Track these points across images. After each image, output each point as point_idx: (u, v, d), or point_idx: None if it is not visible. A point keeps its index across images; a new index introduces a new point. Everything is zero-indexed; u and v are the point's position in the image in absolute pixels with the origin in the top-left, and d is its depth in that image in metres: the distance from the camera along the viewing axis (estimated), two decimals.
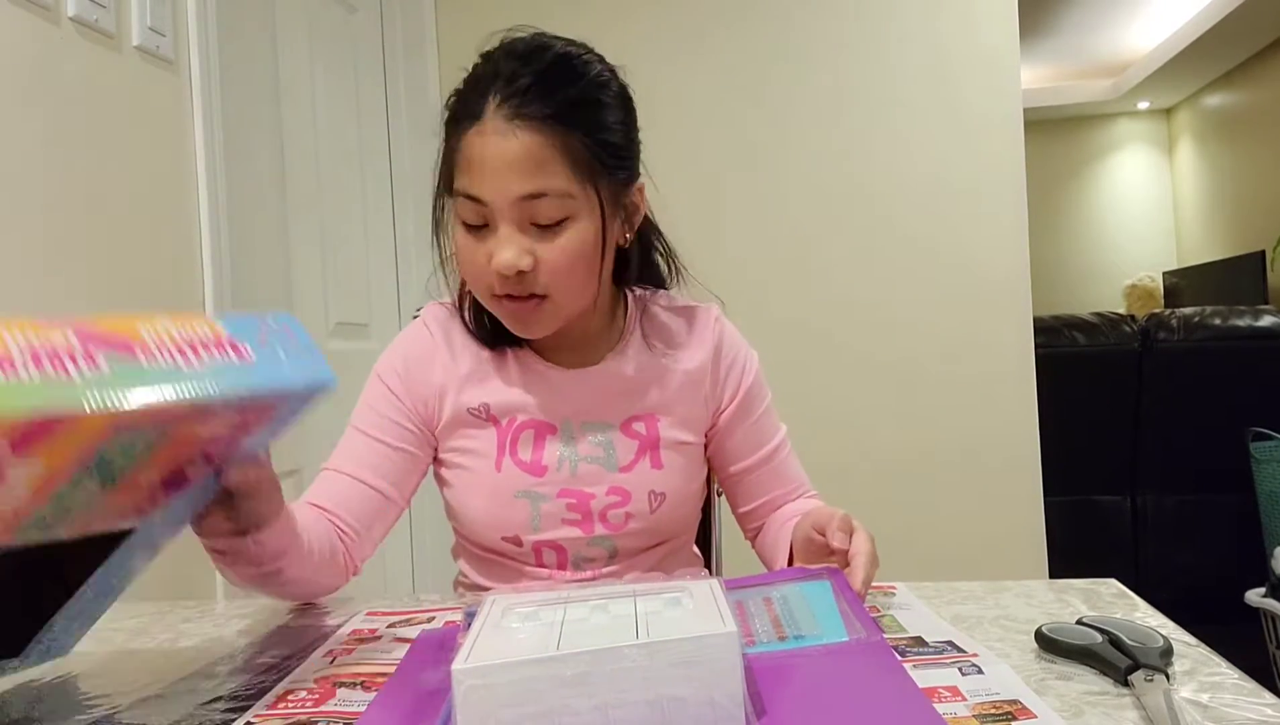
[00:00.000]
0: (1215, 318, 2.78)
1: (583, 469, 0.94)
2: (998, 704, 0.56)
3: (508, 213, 0.82)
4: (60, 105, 1.07)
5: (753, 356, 1.03)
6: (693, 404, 0.99)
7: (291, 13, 1.72)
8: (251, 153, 1.57)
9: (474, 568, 1.01)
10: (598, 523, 0.94)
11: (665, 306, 1.01)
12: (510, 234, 0.83)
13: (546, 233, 0.84)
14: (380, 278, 2.05)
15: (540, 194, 0.82)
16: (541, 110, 0.81)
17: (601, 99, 0.86)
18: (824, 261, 2.13)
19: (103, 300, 1.11)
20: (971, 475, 2.10)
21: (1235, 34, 4.82)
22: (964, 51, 2.11)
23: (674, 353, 0.98)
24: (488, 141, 0.81)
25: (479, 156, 0.82)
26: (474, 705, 0.50)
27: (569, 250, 0.84)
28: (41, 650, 0.68)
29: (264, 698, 0.64)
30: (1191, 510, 2.84)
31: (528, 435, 0.95)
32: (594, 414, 0.96)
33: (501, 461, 0.94)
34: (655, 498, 0.95)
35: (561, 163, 0.82)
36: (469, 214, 0.84)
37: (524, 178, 0.81)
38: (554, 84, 0.82)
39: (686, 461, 0.98)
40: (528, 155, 0.81)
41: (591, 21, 2.24)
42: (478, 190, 0.82)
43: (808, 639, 0.67)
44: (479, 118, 0.82)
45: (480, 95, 0.82)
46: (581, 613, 0.59)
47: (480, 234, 0.85)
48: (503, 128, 0.81)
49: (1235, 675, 0.61)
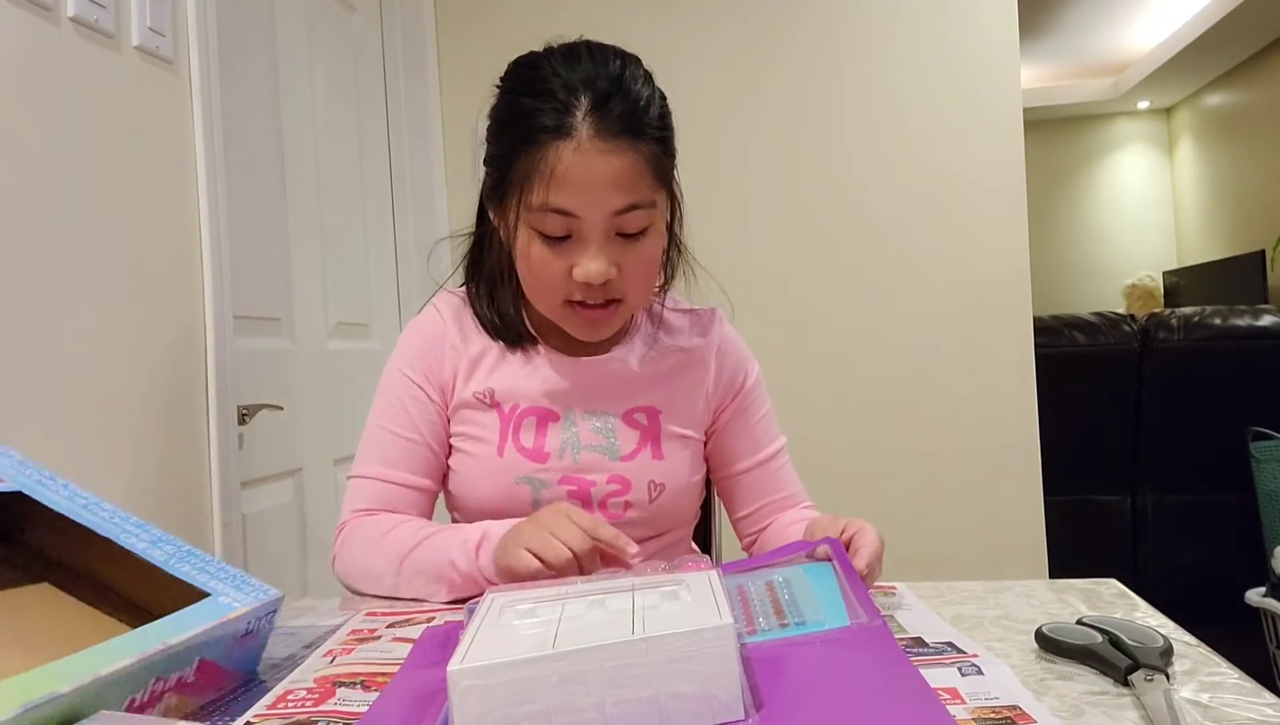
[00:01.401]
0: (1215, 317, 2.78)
1: (584, 456, 0.96)
2: (997, 709, 0.56)
3: (601, 226, 0.85)
4: (60, 105, 1.07)
5: (754, 362, 1.06)
6: (694, 400, 1.00)
7: (291, 13, 1.72)
8: (251, 153, 1.56)
9: None
10: (597, 510, 0.95)
11: (671, 307, 1.04)
12: (602, 245, 0.86)
13: (629, 241, 0.87)
14: (380, 278, 2.05)
15: (633, 206, 0.86)
16: (631, 126, 0.84)
17: (665, 111, 0.90)
18: (823, 261, 2.13)
19: (102, 301, 1.11)
20: (971, 475, 2.10)
21: (1235, 33, 4.81)
22: (964, 51, 2.10)
23: (677, 350, 1.01)
24: (588, 159, 0.83)
25: (576, 174, 0.83)
26: (471, 706, 0.50)
27: (647, 256, 0.89)
28: None
29: (264, 698, 0.64)
30: (1191, 510, 2.83)
31: (530, 421, 0.96)
32: (597, 403, 0.97)
33: (504, 447, 0.95)
34: (655, 487, 0.97)
35: (648, 174, 0.86)
36: (554, 226, 0.86)
37: (622, 192, 0.84)
38: (637, 100, 0.85)
39: (687, 454, 0.99)
40: (627, 171, 0.84)
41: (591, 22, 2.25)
42: (574, 205, 0.84)
43: (809, 625, 0.67)
44: (570, 133, 0.83)
45: (564, 112, 0.83)
46: (579, 609, 0.59)
47: (561, 246, 0.87)
48: (601, 147, 0.83)
49: (1235, 675, 0.61)
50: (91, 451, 1.08)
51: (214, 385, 1.30)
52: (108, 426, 1.11)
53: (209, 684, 0.64)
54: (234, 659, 0.66)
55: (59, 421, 1.04)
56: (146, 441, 1.17)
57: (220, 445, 1.31)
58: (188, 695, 0.61)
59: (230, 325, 1.36)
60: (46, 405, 1.02)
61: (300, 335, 1.69)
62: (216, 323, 1.32)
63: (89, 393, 1.08)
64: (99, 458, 1.09)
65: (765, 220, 2.13)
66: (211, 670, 0.64)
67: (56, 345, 1.04)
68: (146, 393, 1.18)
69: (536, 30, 0.95)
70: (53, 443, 1.03)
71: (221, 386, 1.32)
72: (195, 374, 1.29)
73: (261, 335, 1.57)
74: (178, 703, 0.60)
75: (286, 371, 1.64)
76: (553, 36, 0.92)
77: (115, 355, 1.13)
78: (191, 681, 0.61)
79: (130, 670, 0.54)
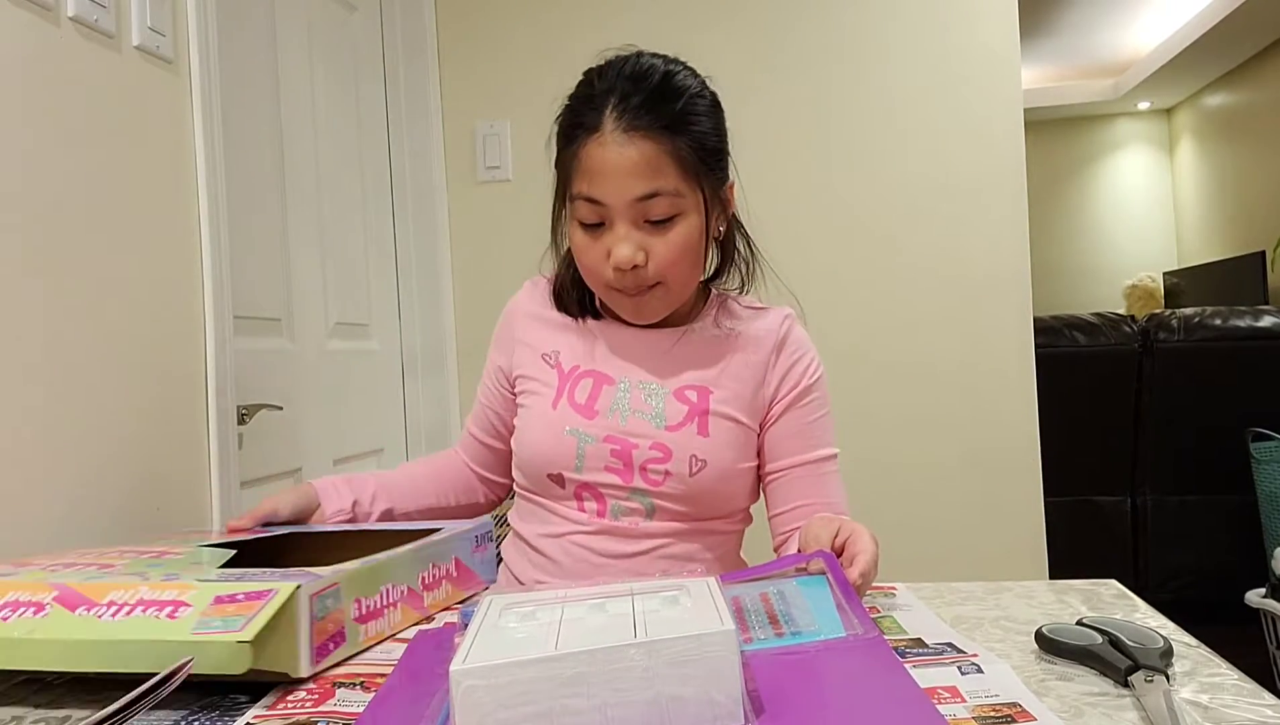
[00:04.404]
0: (1215, 318, 2.78)
1: (632, 420, 1.00)
2: (997, 707, 0.56)
3: (625, 212, 0.93)
4: (60, 105, 1.06)
5: (820, 365, 1.09)
6: (749, 387, 1.03)
7: (291, 13, 1.72)
8: (251, 153, 1.56)
9: (522, 518, 1.07)
10: (637, 474, 0.99)
11: (744, 305, 1.10)
12: (627, 231, 0.93)
13: (658, 228, 0.94)
14: (380, 278, 2.05)
15: (654, 194, 0.92)
16: (653, 121, 0.91)
17: (699, 109, 0.96)
18: (823, 262, 2.13)
19: (102, 300, 1.11)
20: (971, 475, 2.10)
21: (1236, 34, 4.81)
22: (964, 52, 2.10)
23: (740, 335, 1.05)
24: (608, 151, 0.91)
25: (599, 163, 0.92)
26: (472, 706, 0.50)
27: (678, 243, 0.95)
28: None
29: (264, 698, 0.64)
30: (1191, 510, 2.84)
31: (587, 382, 1.03)
32: (651, 375, 1.03)
33: (559, 402, 1.03)
34: (696, 462, 0.99)
35: (671, 165, 0.92)
36: (588, 214, 0.94)
37: (640, 180, 0.91)
38: (661, 99, 0.92)
39: (733, 437, 1.01)
40: (644, 160, 0.91)
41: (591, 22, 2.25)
42: (599, 193, 0.92)
43: (804, 635, 0.67)
44: (597, 130, 0.92)
45: (596, 111, 0.92)
46: (579, 612, 0.59)
47: (597, 232, 0.95)
48: (621, 138, 0.91)
49: (1235, 676, 0.61)
50: (91, 451, 1.08)
51: (214, 385, 1.31)
52: (107, 426, 1.11)
53: (465, 581, 0.89)
54: (476, 563, 0.91)
55: (59, 421, 1.04)
56: (146, 441, 1.17)
57: (220, 445, 1.31)
58: (456, 587, 0.87)
59: (230, 325, 1.36)
60: (46, 405, 1.02)
61: (300, 335, 1.69)
62: (216, 323, 1.32)
63: (88, 392, 1.08)
64: (99, 457, 1.09)
65: (764, 221, 2.13)
66: (464, 570, 0.89)
67: (56, 345, 1.04)
68: (146, 392, 1.18)
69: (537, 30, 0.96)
70: (53, 442, 1.03)
71: (221, 386, 1.32)
72: (195, 374, 1.29)
73: (261, 335, 1.57)
74: (451, 591, 0.86)
75: (286, 371, 1.64)
76: (553, 38, 0.94)
77: (115, 355, 1.13)
78: (455, 576, 0.87)
79: (411, 555, 0.81)
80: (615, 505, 1.00)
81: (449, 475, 1.17)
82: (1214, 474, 2.79)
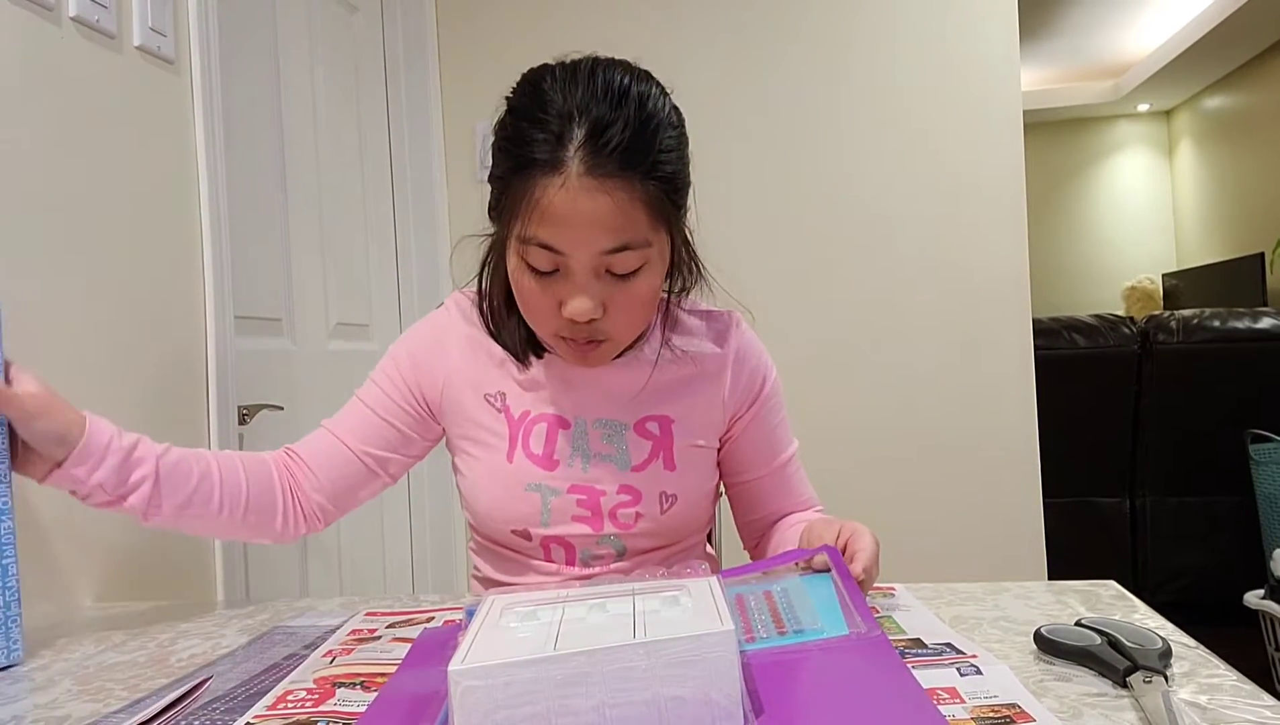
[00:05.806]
0: (1214, 320, 2.78)
1: (595, 466, 0.94)
2: (996, 707, 0.56)
3: (589, 264, 0.80)
4: (60, 105, 1.07)
5: (771, 367, 1.02)
6: (709, 408, 0.97)
7: (291, 13, 1.73)
8: (251, 153, 1.57)
9: (486, 561, 1.01)
10: (608, 521, 0.94)
11: (688, 310, 1.00)
12: (588, 283, 0.81)
13: (620, 280, 0.82)
14: (380, 278, 2.05)
15: (623, 247, 0.80)
16: (625, 164, 0.77)
17: (670, 141, 0.82)
18: (822, 263, 2.13)
19: (103, 301, 1.11)
20: (971, 476, 2.10)
21: (1235, 36, 4.82)
22: (964, 53, 2.11)
23: (693, 355, 0.97)
24: (575, 198, 0.77)
25: (562, 211, 0.77)
26: (471, 706, 0.50)
27: (640, 296, 0.84)
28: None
29: (264, 698, 0.64)
30: (1191, 512, 2.84)
31: (540, 428, 0.94)
32: (608, 412, 0.95)
33: (513, 453, 0.94)
34: (667, 499, 0.95)
35: (643, 214, 0.80)
36: (541, 261, 0.81)
37: (610, 234, 0.79)
38: (636, 136, 0.78)
39: (700, 465, 0.97)
40: (616, 212, 0.78)
41: (591, 22, 2.25)
42: (559, 243, 0.79)
43: (808, 633, 0.67)
44: (559, 168, 0.77)
45: (558, 144, 0.77)
46: (579, 612, 0.59)
47: (549, 280, 0.82)
48: (590, 185, 0.77)
49: (1234, 677, 0.62)
50: None
51: (214, 385, 1.31)
52: None
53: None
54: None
55: None
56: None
57: (220, 445, 1.31)
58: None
59: (231, 325, 1.37)
60: None
61: (301, 336, 1.69)
62: (217, 323, 1.32)
63: (89, 392, 1.08)
64: None
65: (763, 222, 2.13)
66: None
67: (57, 345, 1.04)
68: (147, 392, 1.18)
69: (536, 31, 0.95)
70: None
71: (222, 386, 1.32)
72: (196, 374, 1.29)
73: (262, 335, 1.57)
74: None
75: (287, 372, 1.64)
76: (553, 37, 0.91)
77: (116, 355, 1.13)
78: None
79: None
80: (585, 552, 0.95)
81: (257, 485, 0.93)
82: (1213, 475, 2.79)
